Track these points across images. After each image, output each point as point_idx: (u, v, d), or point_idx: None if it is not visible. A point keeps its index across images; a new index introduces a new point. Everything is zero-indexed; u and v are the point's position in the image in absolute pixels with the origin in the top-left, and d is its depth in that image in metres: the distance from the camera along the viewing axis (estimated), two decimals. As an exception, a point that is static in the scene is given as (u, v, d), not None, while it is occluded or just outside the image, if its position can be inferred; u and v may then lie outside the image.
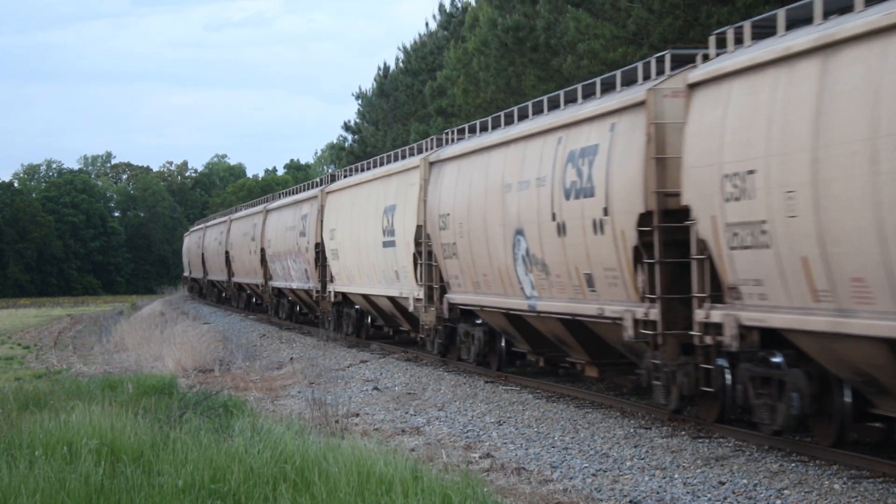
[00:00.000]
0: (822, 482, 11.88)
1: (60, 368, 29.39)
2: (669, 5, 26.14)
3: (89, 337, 45.05)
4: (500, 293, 20.37)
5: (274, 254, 41.48)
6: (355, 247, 29.65)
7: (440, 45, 52.02)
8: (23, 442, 12.45)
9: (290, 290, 39.65)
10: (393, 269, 26.37)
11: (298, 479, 10.75)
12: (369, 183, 29.29)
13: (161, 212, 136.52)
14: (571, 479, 12.68)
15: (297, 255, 37.32)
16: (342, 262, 31.23)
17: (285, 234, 39.52)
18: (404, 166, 26.31)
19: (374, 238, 27.62)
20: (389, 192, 27.07)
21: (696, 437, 14.82)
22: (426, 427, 16.77)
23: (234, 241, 52.81)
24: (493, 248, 20.32)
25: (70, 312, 74.19)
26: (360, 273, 29.45)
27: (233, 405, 16.98)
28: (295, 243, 37.63)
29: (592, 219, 16.43)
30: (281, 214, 41.35)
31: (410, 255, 24.96)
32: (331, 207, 33.13)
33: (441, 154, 23.79)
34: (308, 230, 35.49)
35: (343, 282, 31.50)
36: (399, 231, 25.81)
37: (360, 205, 29.64)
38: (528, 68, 34.09)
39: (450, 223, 22.41)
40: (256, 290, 47.81)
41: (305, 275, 36.16)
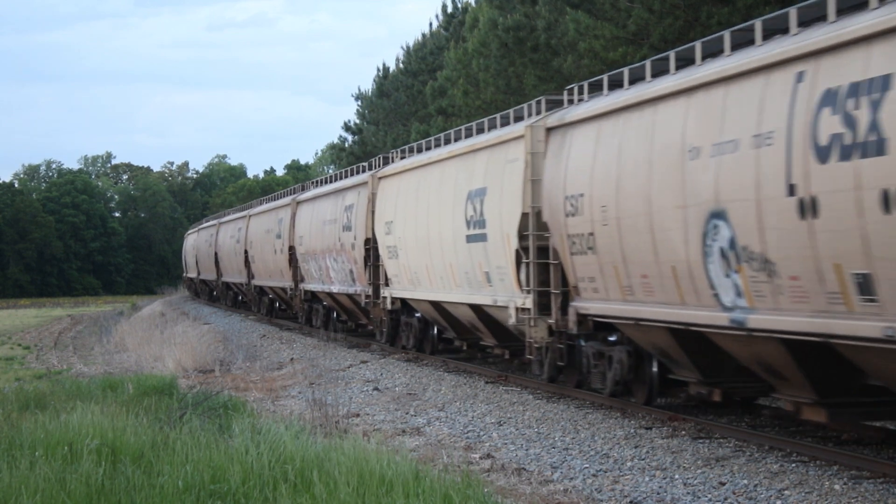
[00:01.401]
0: (822, 482, 11.88)
1: (61, 369, 29.39)
2: (670, 6, 26.15)
3: (89, 337, 45.06)
4: (672, 301, 14.95)
5: (307, 252, 35.91)
6: (423, 243, 24.39)
7: (440, 45, 52.02)
8: (23, 442, 12.45)
9: (328, 295, 34.22)
10: (481, 271, 21.27)
11: (299, 479, 10.76)
12: (443, 163, 23.77)
13: (161, 212, 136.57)
14: (572, 480, 12.68)
15: (338, 254, 31.97)
16: (403, 261, 25.91)
17: (323, 230, 33.90)
18: (498, 138, 20.70)
19: (453, 231, 22.44)
20: (475, 173, 21.64)
21: (696, 437, 14.83)
22: (426, 427, 16.77)
23: (254, 239, 46.83)
24: (662, 239, 14.96)
25: (70, 313, 74.20)
26: (429, 275, 24.25)
27: (233, 405, 16.99)
28: (336, 240, 32.11)
29: (881, 189, 10.93)
30: (316, 206, 35.62)
31: (511, 251, 19.67)
32: (386, 195, 27.59)
33: (567, 116, 18.23)
34: (355, 224, 30.18)
35: (403, 285, 26.32)
36: (492, 222, 20.55)
37: (429, 190, 24.21)
38: (529, 69, 34.09)
39: (584, 207, 17.06)
40: (283, 294, 41.92)
41: (350, 276, 30.85)
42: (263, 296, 47.57)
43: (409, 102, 54.68)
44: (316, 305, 37.47)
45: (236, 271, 52.40)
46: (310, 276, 36.28)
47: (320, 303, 36.89)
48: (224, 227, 57.85)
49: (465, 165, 22.36)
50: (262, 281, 45.55)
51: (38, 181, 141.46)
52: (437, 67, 49.57)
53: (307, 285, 36.75)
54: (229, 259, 54.72)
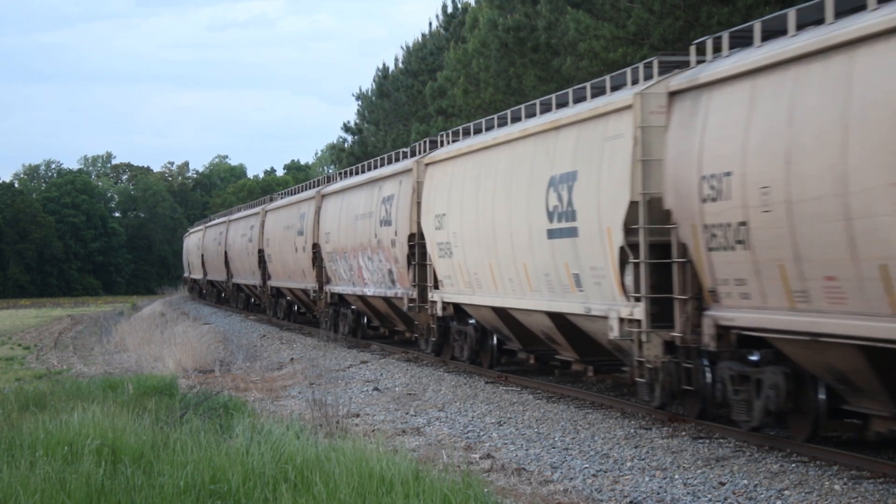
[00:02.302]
0: (822, 483, 11.88)
1: (61, 369, 29.40)
2: (670, 6, 26.17)
3: (89, 337, 45.06)
4: (878, 312, 11.38)
5: (335, 251, 32.39)
6: (486, 239, 20.87)
7: (440, 45, 52.05)
8: (23, 442, 12.45)
9: (359, 298, 30.66)
10: (567, 272, 17.70)
11: (299, 479, 10.76)
12: (513, 143, 20.04)
13: (161, 212, 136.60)
14: (572, 480, 12.68)
15: (374, 252, 28.31)
16: (458, 260, 22.39)
17: (354, 225, 30.29)
18: (593, 111, 16.99)
19: (529, 225, 18.87)
20: (560, 154, 17.95)
21: (696, 437, 14.82)
22: (426, 428, 16.77)
23: (271, 237, 43.22)
24: (865, 229, 11.40)
25: (70, 313, 74.21)
26: (493, 277, 20.74)
27: (233, 406, 16.99)
28: (372, 236, 28.47)
29: None
30: (345, 199, 32.02)
31: (612, 249, 16.13)
32: (435, 184, 23.89)
33: (701, 75, 14.37)
34: (395, 217, 26.58)
35: (458, 288, 22.80)
36: (585, 213, 16.95)
37: (495, 176, 20.65)
38: (529, 69, 34.12)
39: (731, 189, 13.38)
40: (304, 296, 38.37)
41: (388, 278, 27.34)
42: (280, 298, 43.90)
43: (409, 102, 54.69)
44: (343, 309, 33.71)
45: (249, 272, 48.83)
46: (337, 277, 32.70)
47: (348, 307, 33.24)
48: (235, 224, 53.95)
49: (545, 145, 18.58)
50: (280, 282, 42.00)
51: (38, 181, 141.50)
52: (437, 67, 49.58)
53: (334, 287, 33.17)
54: (241, 259, 50.97)
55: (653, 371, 15.61)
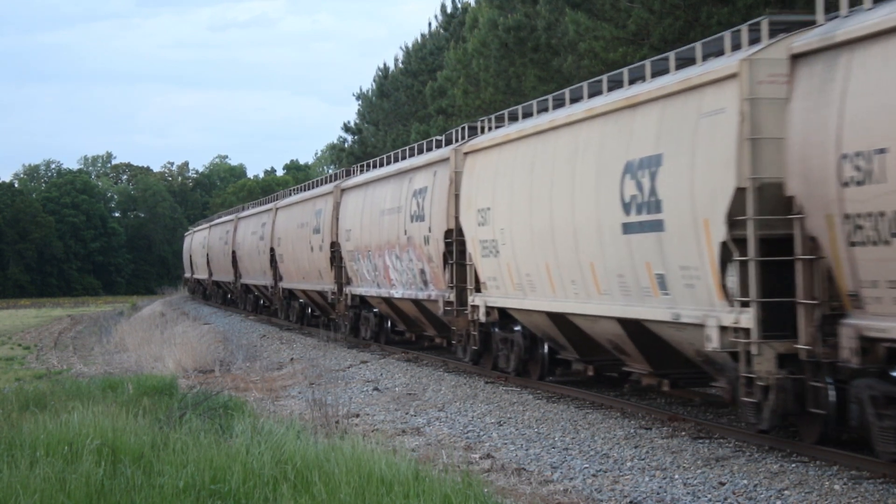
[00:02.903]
0: (822, 483, 11.88)
1: (61, 369, 29.41)
2: (670, 6, 26.16)
3: (89, 337, 45.08)
4: None
5: (357, 249, 29.87)
6: (542, 236, 18.39)
7: (440, 45, 52.06)
8: (23, 442, 12.46)
9: (384, 300, 28.21)
10: (649, 272, 15.30)
11: (299, 479, 10.76)
12: (576, 126, 17.56)
13: (161, 212, 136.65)
14: (572, 480, 12.69)
15: (403, 251, 25.94)
16: (506, 259, 19.96)
17: (380, 221, 27.89)
18: (683, 83, 14.53)
19: (598, 219, 16.47)
20: (639, 135, 15.49)
21: (696, 437, 14.83)
22: (426, 428, 16.77)
23: (283, 235, 40.66)
24: None
25: (70, 313, 74.22)
26: (550, 278, 18.31)
27: (233, 406, 16.99)
28: (400, 233, 26.08)
29: None
30: (368, 193, 29.46)
31: (711, 245, 13.74)
32: (477, 174, 21.47)
33: (838, 33, 12.09)
34: (429, 212, 24.02)
35: (505, 291, 20.33)
36: (673, 203, 14.55)
37: (552, 164, 18.18)
38: (529, 69, 34.12)
39: (887, 170, 11.27)
40: (320, 298, 35.73)
41: (420, 279, 24.96)
42: (293, 300, 41.50)
43: (409, 102, 54.70)
44: (365, 312, 31.17)
45: (259, 272, 46.19)
46: (359, 278, 30.18)
47: (370, 309, 30.68)
48: (244, 222, 51.23)
49: (618, 126, 16.09)
50: (293, 283, 39.34)
51: (38, 181, 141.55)
52: (437, 67, 49.60)
53: (355, 289, 30.70)
54: (251, 258, 48.28)
55: (763, 389, 13.26)
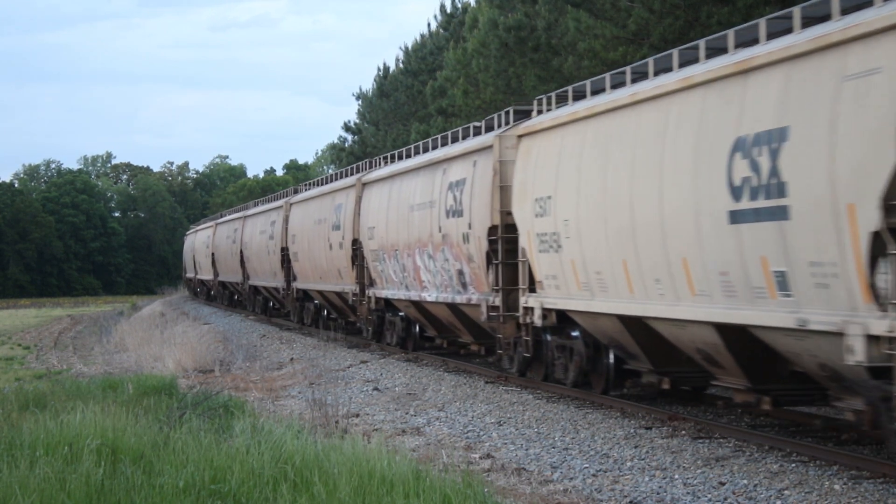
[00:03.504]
0: (822, 482, 11.88)
1: (61, 369, 29.41)
2: (670, 5, 26.15)
3: (89, 337, 45.08)
4: None
5: (381, 248, 27.60)
6: (619, 228, 16.00)
7: (440, 45, 52.07)
8: (23, 442, 12.45)
9: (413, 304, 25.98)
10: (765, 269, 12.87)
11: (299, 479, 10.76)
12: (664, 100, 15.08)
13: (161, 212, 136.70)
14: (572, 480, 12.69)
15: (437, 250, 23.60)
16: (571, 255, 17.57)
17: (409, 217, 25.46)
18: (819, 41, 12.13)
19: (696, 207, 14.08)
20: (754, 107, 13.05)
21: (696, 437, 14.83)
22: (426, 427, 16.77)
23: (296, 233, 38.25)
24: None
25: (70, 313, 74.23)
26: (629, 276, 15.87)
27: (233, 405, 16.99)
28: (433, 230, 23.74)
29: None
30: (395, 187, 27.04)
31: (856, 235, 11.49)
32: (534, 160, 19.10)
33: None
34: (468, 206, 21.80)
35: (568, 290, 17.92)
36: (803, 186, 12.23)
37: (633, 146, 15.70)
38: (529, 68, 34.11)
39: None
40: (338, 300, 33.50)
41: (457, 280, 22.63)
42: (307, 302, 39.06)
43: (409, 102, 54.72)
44: (391, 316, 28.89)
45: (269, 273, 43.98)
46: (384, 280, 27.93)
47: (396, 313, 28.46)
48: (253, 220, 49.02)
49: (724, 97, 13.71)
50: (309, 284, 36.91)
51: (38, 181, 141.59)
52: (437, 67, 49.62)
53: (380, 291, 28.34)
54: (259, 258, 46.17)
55: None
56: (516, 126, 20.42)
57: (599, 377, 18.23)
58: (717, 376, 15.28)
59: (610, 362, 17.97)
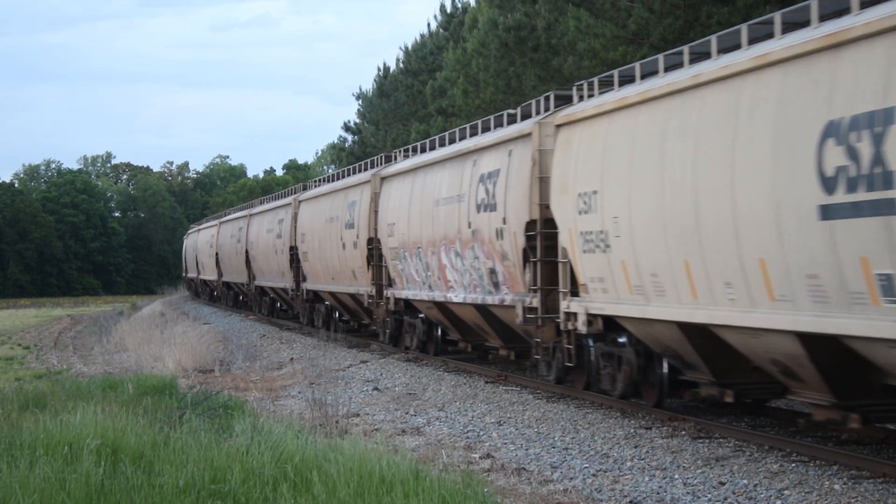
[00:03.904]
0: (822, 482, 11.88)
1: (61, 369, 29.41)
2: (670, 5, 26.16)
3: (89, 337, 45.08)
4: None
5: (402, 246, 25.93)
6: (680, 224, 14.30)
7: (440, 45, 52.09)
8: (23, 442, 12.45)
9: (437, 305, 24.12)
10: (866, 272, 11.35)
11: (299, 479, 10.76)
12: (732, 81, 13.53)
13: (161, 212, 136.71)
14: (572, 480, 12.68)
15: (466, 247, 21.86)
16: (621, 255, 15.89)
17: (433, 213, 23.66)
18: None
19: (777, 200, 12.53)
20: (848, 86, 11.54)
21: (696, 437, 14.82)
22: (426, 427, 16.77)
23: (306, 232, 36.52)
24: None
25: (70, 313, 74.23)
26: (692, 278, 14.19)
27: (233, 405, 17.00)
28: (462, 226, 22.01)
29: None
30: (417, 181, 25.29)
31: None
32: (576, 151, 17.31)
33: None
34: (502, 200, 20.06)
35: (616, 294, 16.29)
36: None
37: (696, 133, 14.05)
38: (529, 68, 34.12)
39: None
40: (350, 301, 31.99)
41: (490, 279, 20.89)
42: (318, 304, 37.26)
43: (409, 102, 54.74)
44: (410, 319, 27.28)
45: (276, 273, 42.29)
46: (405, 280, 26.31)
47: (416, 315, 26.93)
48: (259, 218, 47.04)
49: (810, 75, 12.05)
50: (320, 285, 35.26)
51: (38, 181, 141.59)
52: (437, 67, 49.66)
53: (400, 291, 26.74)
54: (266, 258, 44.35)
55: None
56: (557, 113, 18.61)
57: (651, 388, 16.72)
58: (793, 390, 13.72)
59: (664, 372, 16.41)
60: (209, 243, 62.40)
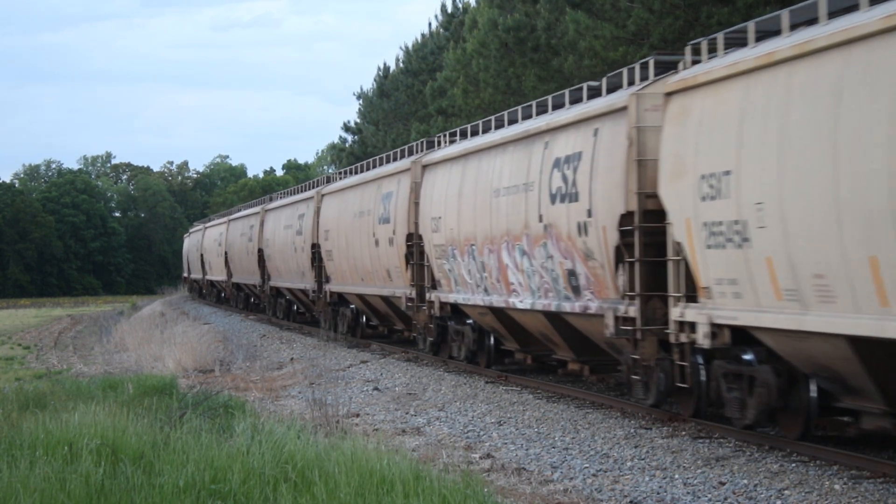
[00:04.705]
0: (822, 482, 11.88)
1: (61, 369, 29.41)
2: (670, 5, 26.17)
3: (89, 337, 45.08)
4: None
5: (451, 243, 22.70)
6: (858, 207, 11.28)
7: (440, 45, 52.12)
8: (23, 442, 12.45)
9: (493, 310, 20.92)
10: None
11: (299, 479, 10.76)
12: None
13: (161, 212, 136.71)
14: (572, 480, 12.68)
15: (535, 244, 18.65)
16: (767, 249, 12.80)
17: (492, 205, 20.38)
18: None
19: None
20: None
21: (696, 437, 14.82)
22: (426, 427, 16.77)
23: (329, 228, 33.08)
24: None
25: (70, 313, 74.22)
26: (881, 280, 11.05)
27: (233, 405, 16.99)
28: (530, 218, 18.82)
29: None
30: (470, 168, 21.95)
31: None
32: (695, 124, 14.24)
33: None
34: (585, 188, 16.88)
35: (758, 300, 13.15)
36: None
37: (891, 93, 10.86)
38: (529, 68, 34.14)
39: None
40: (382, 305, 28.78)
41: (567, 283, 17.82)
42: (344, 306, 33.59)
43: (409, 102, 54.77)
44: (456, 325, 23.87)
45: (295, 273, 38.57)
46: (453, 281, 22.95)
47: (464, 321, 23.42)
48: (274, 214, 43.25)
49: None
50: (346, 286, 31.46)
51: (38, 181, 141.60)
52: (437, 67, 49.69)
53: (447, 294, 23.26)
54: (283, 257, 40.53)
55: None
56: (664, 80, 15.41)
57: (795, 417, 13.69)
58: None
59: (812, 396, 13.44)
60: (218, 241, 58.82)
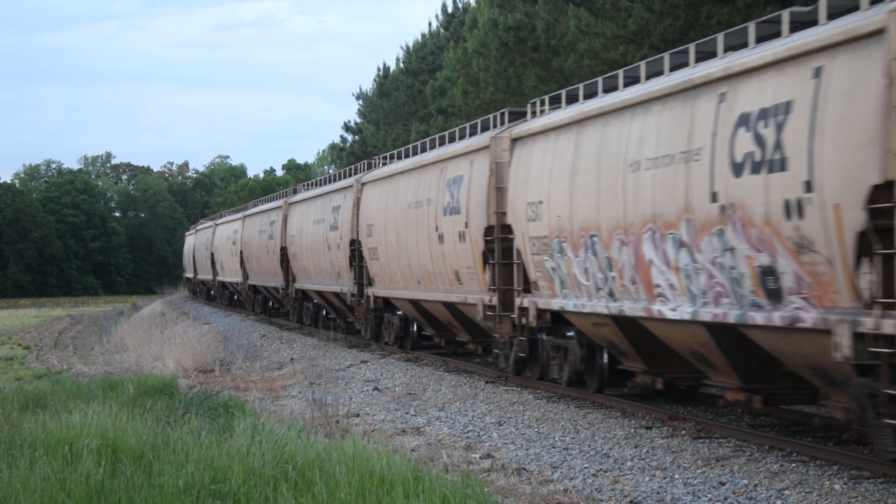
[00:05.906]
0: (822, 482, 11.88)
1: (61, 369, 29.41)
2: (670, 5, 26.16)
3: (90, 337, 45.08)
4: None
5: (557, 234, 17.86)
6: None
7: (441, 45, 52.11)
8: (23, 442, 12.45)
9: (616, 319, 16.45)
10: None
11: (299, 479, 10.76)
12: None
13: (161, 212, 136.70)
14: (572, 480, 12.68)
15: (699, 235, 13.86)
16: None
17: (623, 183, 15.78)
18: None
19: None
20: None
21: (696, 437, 14.82)
22: (427, 427, 16.77)
23: (373, 222, 28.09)
24: None
25: (70, 313, 74.23)
26: None
27: (233, 405, 16.99)
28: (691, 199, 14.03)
29: None
30: (587, 135, 17.03)
31: None
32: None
33: None
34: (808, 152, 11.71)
35: None
36: None
37: None
38: (529, 68, 34.13)
39: None
40: (445, 314, 24.16)
41: (753, 285, 13.05)
42: (390, 313, 28.74)
43: (409, 102, 54.75)
44: (555, 339, 19.30)
45: (328, 274, 33.56)
46: (555, 283, 18.33)
47: (563, 334, 19.02)
48: (298, 208, 38.59)
49: None
50: (394, 290, 26.83)
51: (38, 181, 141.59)
52: (437, 67, 49.67)
53: (546, 300, 18.71)
54: (313, 256, 35.34)
55: None
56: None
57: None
58: None
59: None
60: (231, 240, 54.34)
